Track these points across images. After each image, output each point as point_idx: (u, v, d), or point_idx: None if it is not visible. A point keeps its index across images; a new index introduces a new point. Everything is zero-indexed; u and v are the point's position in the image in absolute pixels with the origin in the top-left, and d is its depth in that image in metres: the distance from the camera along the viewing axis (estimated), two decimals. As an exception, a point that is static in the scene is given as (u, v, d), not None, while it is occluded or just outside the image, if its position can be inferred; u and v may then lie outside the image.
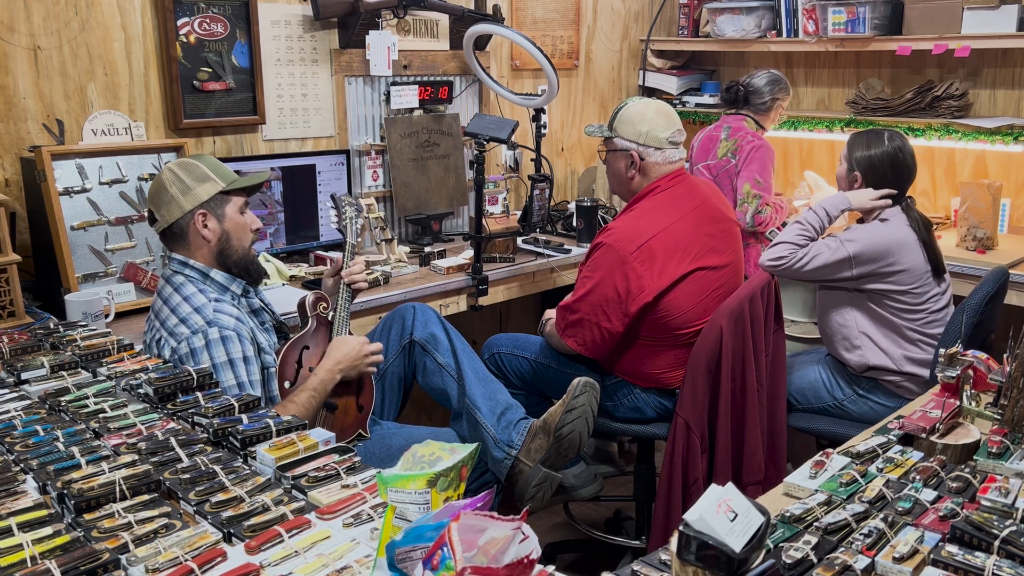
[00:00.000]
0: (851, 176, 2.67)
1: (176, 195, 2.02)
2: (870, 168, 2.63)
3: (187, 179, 2.03)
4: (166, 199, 2.03)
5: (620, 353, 2.46)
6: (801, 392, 2.72)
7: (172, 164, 2.07)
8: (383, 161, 3.33)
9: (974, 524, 1.19)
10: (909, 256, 2.53)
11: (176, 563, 1.08)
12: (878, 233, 2.55)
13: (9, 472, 1.29)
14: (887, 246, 2.53)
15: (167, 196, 2.03)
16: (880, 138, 2.65)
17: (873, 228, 2.58)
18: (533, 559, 0.91)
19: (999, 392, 1.70)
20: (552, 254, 3.20)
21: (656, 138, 2.44)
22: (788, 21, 3.72)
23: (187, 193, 2.03)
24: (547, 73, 3.18)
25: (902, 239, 2.54)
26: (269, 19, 2.93)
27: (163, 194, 2.03)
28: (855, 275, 2.54)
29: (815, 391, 2.70)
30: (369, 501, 1.24)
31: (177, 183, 2.03)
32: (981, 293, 2.40)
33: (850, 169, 2.67)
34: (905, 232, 2.55)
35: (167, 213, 2.03)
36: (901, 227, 2.57)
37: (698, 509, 1.02)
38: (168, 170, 2.05)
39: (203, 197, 2.04)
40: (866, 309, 2.59)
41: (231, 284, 2.07)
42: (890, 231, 2.55)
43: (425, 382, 2.40)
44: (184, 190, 2.03)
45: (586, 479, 2.53)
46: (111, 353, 1.78)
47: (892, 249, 2.52)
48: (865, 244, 2.53)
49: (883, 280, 2.54)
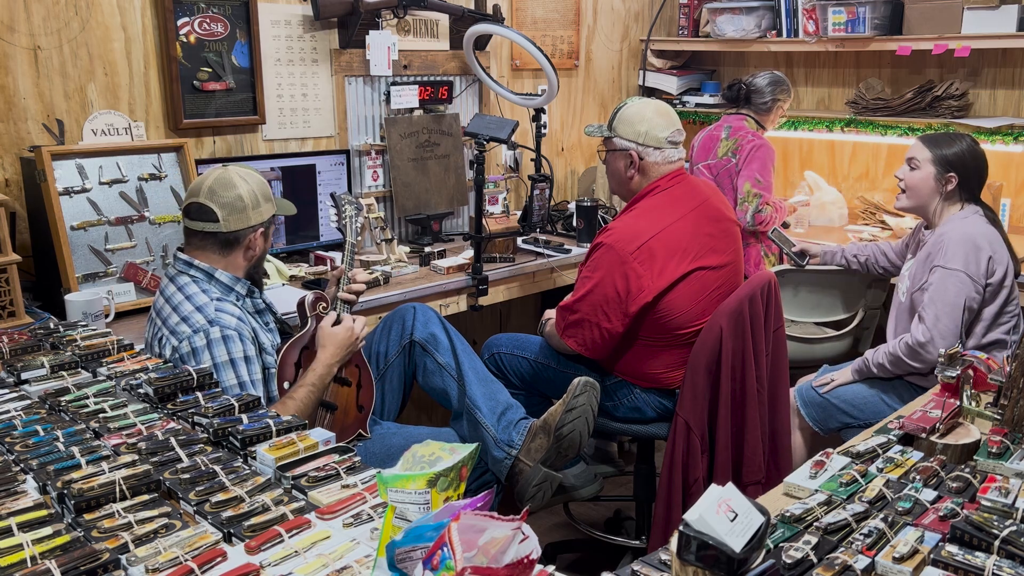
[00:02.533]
0: (944, 177, 2.56)
1: (248, 207, 2.04)
2: (964, 165, 2.55)
3: (259, 195, 2.07)
4: (239, 207, 2.03)
5: (620, 353, 2.46)
6: (855, 406, 2.61)
7: (241, 173, 2.07)
8: (383, 161, 3.33)
9: (974, 524, 1.19)
10: (1004, 253, 2.47)
11: (176, 563, 1.08)
12: (965, 231, 2.47)
13: (9, 472, 1.29)
14: (980, 242, 2.44)
15: (241, 204, 2.03)
16: (960, 136, 2.60)
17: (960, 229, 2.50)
18: (533, 559, 0.91)
19: (999, 392, 1.70)
20: (552, 254, 3.20)
21: (655, 138, 2.44)
22: (788, 21, 3.73)
23: (257, 208, 2.06)
24: (547, 73, 3.18)
25: (988, 233, 2.48)
26: (269, 19, 2.93)
27: (237, 202, 2.03)
28: (985, 291, 2.45)
29: (872, 404, 2.59)
30: (369, 501, 1.24)
31: (251, 196, 2.05)
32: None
33: (943, 170, 2.55)
34: (987, 227, 2.49)
35: (234, 221, 2.03)
36: (981, 223, 2.50)
37: (698, 509, 1.02)
38: (241, 179, 2.05)
39: (265, 216, 2.09)
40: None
41: (235, 285, 2.07)
42: (975, 226, 2.48)
43: (425, 382, 2.40)
44: (256, 204, 2.06)
45: (586, 479, 2.53)
46: (111, 353, 1.78)
47: (982, 244, 2.44)
48: (963, 251, 2.43)
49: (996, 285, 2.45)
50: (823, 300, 3.18)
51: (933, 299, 2.45)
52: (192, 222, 2.04)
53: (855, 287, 3.18)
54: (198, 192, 2.04)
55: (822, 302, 3.19)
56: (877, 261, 2.98)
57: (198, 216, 2.03)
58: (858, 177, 3.93)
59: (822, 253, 3.10)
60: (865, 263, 3.00)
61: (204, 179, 2.05)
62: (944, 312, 2.43)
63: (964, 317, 2.43)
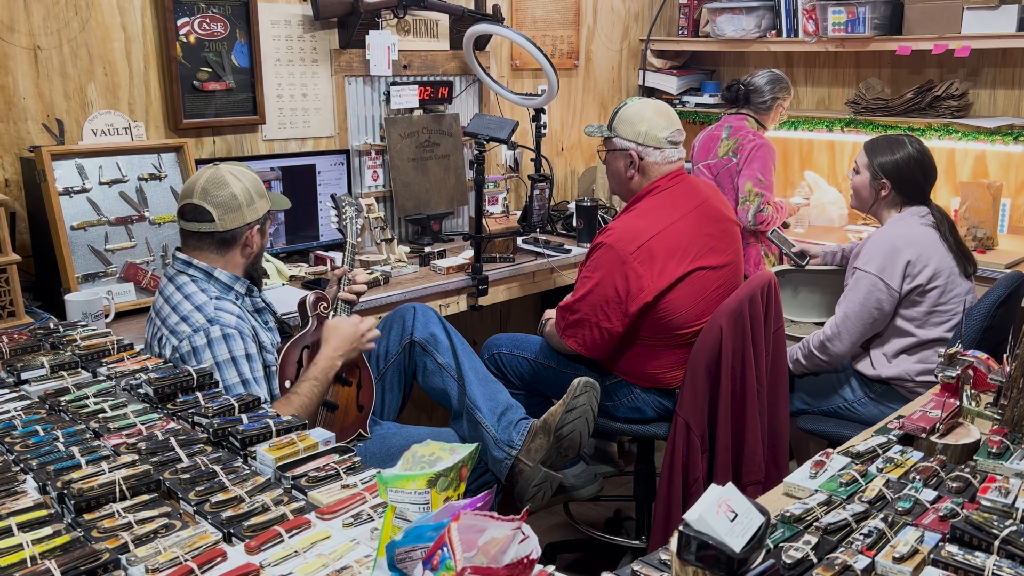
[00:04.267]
0: (877, 184, 2.62)
1: (243, 205, 2.03)
2: (898, 173, 2.59)
3: (253, 192, 2.06)
4: (233, 206, 2.02)
5: (620, 353, 2.46)
6: (810, 393, 2.70)
7: (233, 170, 2.06)
8: (383, 161, 3.33)
9: (974, 524, 1.19)
10: (932, 254, 2.50)
11: (176, 563, 1.08)
12: (887, 235, 2.53)
13: (9, 472, 1.29)
14: (899, 245, 2.49)
15: (236, 203, 2.02)
16: (901, 142, 2.62)
17: (885, 233, 2.56)
18: (533, 559, 0.91)
19: (999, 392, 1.70)
20: (552, 254, 3.20)
21: (655, 138, 2.44)
22: (788, 21, 3.72)
23: (251, 205, 2.05)
24: (547, 73, 3.18)
25: (915, 236, 2.51)
26: (269, 19, 2.93)
27: (231, 201, 2.01)
28: (906, 293, 2.50)
29: (824, 392, 2.68)
30: (369, 501, 1.24)
31: (245, 194, 2.03)
32: (992, 297, 2.37)
33: (875, 177, 2.62)
34: (918, 230, 2.53)
35: (229, 220, 2.02)
36: (915, 225, 2.54)
37: (698, 509, 1.02)
38: (233, 177, 2.04)
39: (260, 212, 2.08)
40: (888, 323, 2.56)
41: (235, 284, 2.07)
42: (903, 229, 2.52)
43: (425, 382, 2.40)
44: (249, 202, 2.05)
45: (586, 479, 2.53)
46: (111, 353, 1.78)
47: (901, 247, 2.49)
48: (880, 254, 2.49)
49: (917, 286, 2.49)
50: (823, 300, 3.18)
51: (845, 298, 2.58)
52: (188, 223, 2.03)
53: (855, 287, 3.18)
54: (191, 193, 2.02)
55: (822, 302, 3.19)
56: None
57: (193, 217, 2.02)
58: (858, 177, 3.93)
59: (822, 253, 3.10)
60: (865, 263, 3.01)
61: (196, 179, 2.03)
62: (852, 312, 2.55)
63: (871, 319, 2.54)
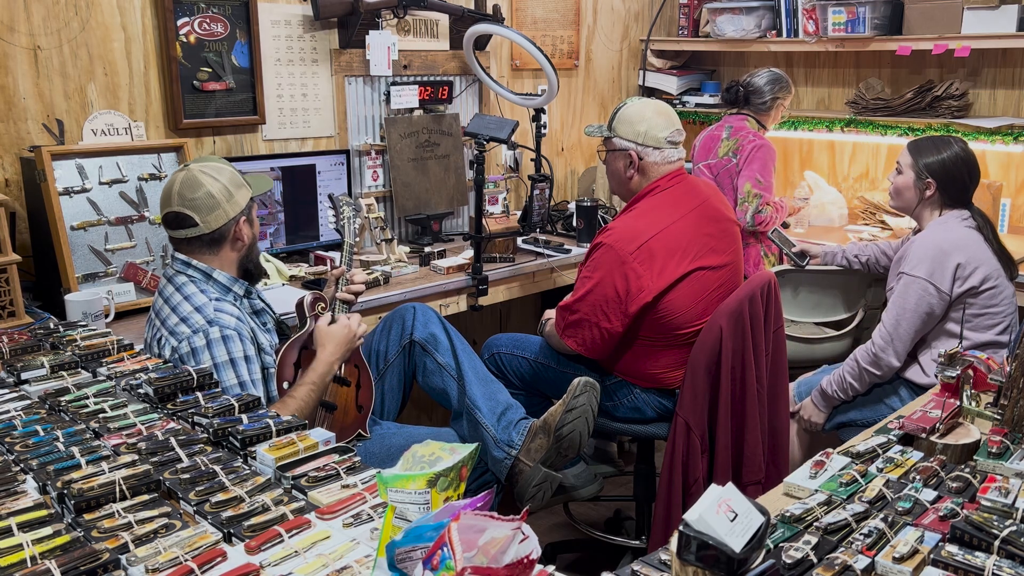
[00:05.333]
0: (922, 184, 2.59)
1: (222, 202, 2.00)
2: (944, 173, 2.56)
3: (229, 185, 2.02)
4: (211, 205, 1.99)
5: (620, 353, 2.46)
6: (854, 406, 2.63)
7: (204, 168, 2.02)
8: (383, 161, 3.33)
9: (974, 524, 1.19)
10: (981, 256, 2.47)
11: (176, 563, 1.08)
12: (935, 239, 2.49)
13: (9, 472, 1.29)
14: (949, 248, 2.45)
15: (212, 203, 1.99)
16: (947, 142, 2.60)
17: (931, 236, 2.52)
18: (533, 559, 0.91)
19: (999, 392, 1.70)
20: (552, 254, 3.20)
21: (655, 138, 2.44)
22: (788, 21, 3.72)
23: (231, 200, 2.02)
24: (547, 73, 3.18)
25: (961, 239, 2.48)
26: (269, 19, 2.93)
27: (208, 200, 1.99)
28: (956, 297, 2.47)
29: (870, 403, 2.61)
30: (369, 501, 1.24)
31: (222, 190, 2.00)
32: None
33: (920, 177, 2.58)
34: (964, 232, 2.50)
35: (212, 220, 2.00)
36: (960, 228, 2.51)
37: (698, 509, 1.02)
38: (205, 175, 2.00)
39: (242, 204, 2.05)
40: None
41: (233, 285, 2.07)
42: (948, 232, 2.49)
43: (425, 382, 2.40)
44: (228, 196, 2.01)
45: (586, 479, 2.53)
46: (111, 353, 1.78)
47: (950, 251, 2.45)
48: (929, 258, 2.45)
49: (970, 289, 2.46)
50: (823, 300, 3.18)
51: (894, 304, 2.52)
52: (175, 231, 2.02)
53: (855, 287, 3.18)
54: (169, 200, 2.00)
55: (822, 302, 3.19)
56: (879, 261, 2.98)
57: (177, 224, 2.01)
58: (858, 177, 3.93)
59: (822, 253, 3.10)
60: (867, 263, 3.01)
61: (171, 185, 2.00)
62: (904, 318, 2.49)
63: (923, 324, 2.49)
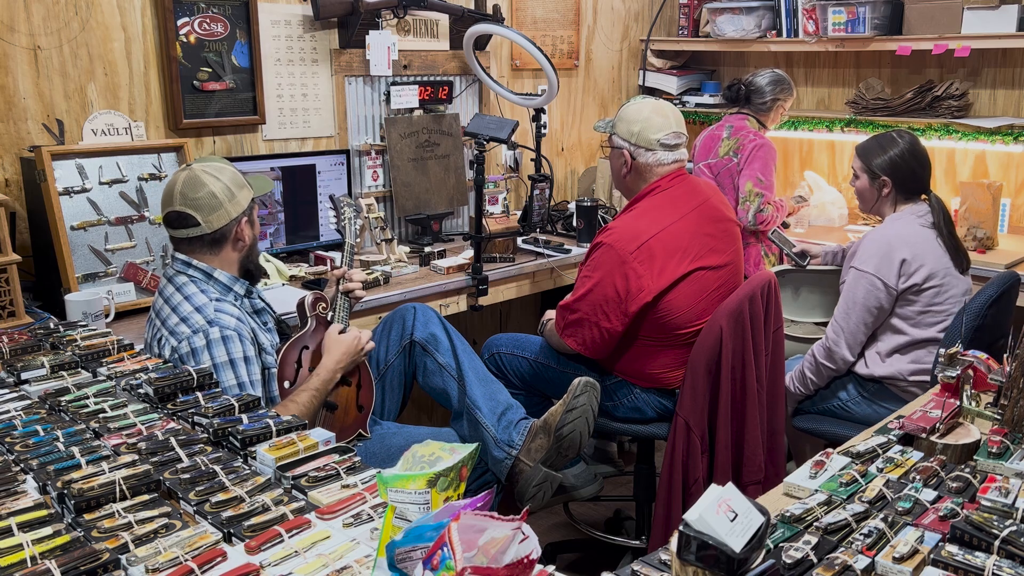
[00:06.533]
0: (878, 183, 2.63)
1: (224, 202, 2.00)
2: (894, 169, 2.60)
3: (231, 185, 2.02)
4: (213, 205, 1.99)
5: (620, 353, 2.46)
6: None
7: (206, 168, 2.02)
8: (383, 161, 3.33)
9: (974, 524, 1.19)
10: (928, 254, 2.49)
11: (176, 563, 1.08)
12: (884, 234, 2.53)
13: (9, 472, 1.29)
14: (894, 244, 2.49)
15: (215, 202, 1.99)
16: (891, 138, 2.63)
17: (881, 231, 2.56)
18: (533, 559, 0.91)
19: (999, 392, 1.70)
20: (552, 254, 3.20)
21: (647, 139, 2.43)
22: (788, 21, 3.72)
23: (233, 200, 2.02)
24: (547, 73, 3.18)
25: (911, 235, 2.51)
26: (269, 19, 2.93)
27: (210, 200, 1.99)
28: (902, 292, 2.50)
29: (820, 391, 2.68)
30: (369, 501, 1.24)
31: (224, 190, 2.00)
32: (984, 296, 2.37)
33: (874, 177, 2.63)
34: (913, 228, 2.53)
35: (215, 220, 2.00)
36: (912, 225, 2.54)
37: (698, 509, 1.02)
38: (207, 175, 2.00)
39: (244, 204, 2.05)
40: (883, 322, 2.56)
41: (234, 285, 2.07)
42: (899, 228, 2.53)
43: (425, 382, 2.40)
44: (230, 196, 2.01)
45: (586, 479, 2.53)
46: (111, 353, 1.78)
47: (897, 246, 2.49)
48: (877, 253, 2.49)
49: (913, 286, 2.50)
50: (823, 300, 3.18)
51: (844, 298, 2.58)
52: (176, 231, 2.02)
53: (855, 287, 3.18)
54: (171, 200, 2.00)
55: (822, 302, 3.19)
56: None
57: (179, 224, 2.01)
58: (858, 177, 3.93)
59: (823, 253, 3.10)
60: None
61: (173, 185, 2.01)
62: (854, 312, 2.55)
63: (872, 318, 2.53)
